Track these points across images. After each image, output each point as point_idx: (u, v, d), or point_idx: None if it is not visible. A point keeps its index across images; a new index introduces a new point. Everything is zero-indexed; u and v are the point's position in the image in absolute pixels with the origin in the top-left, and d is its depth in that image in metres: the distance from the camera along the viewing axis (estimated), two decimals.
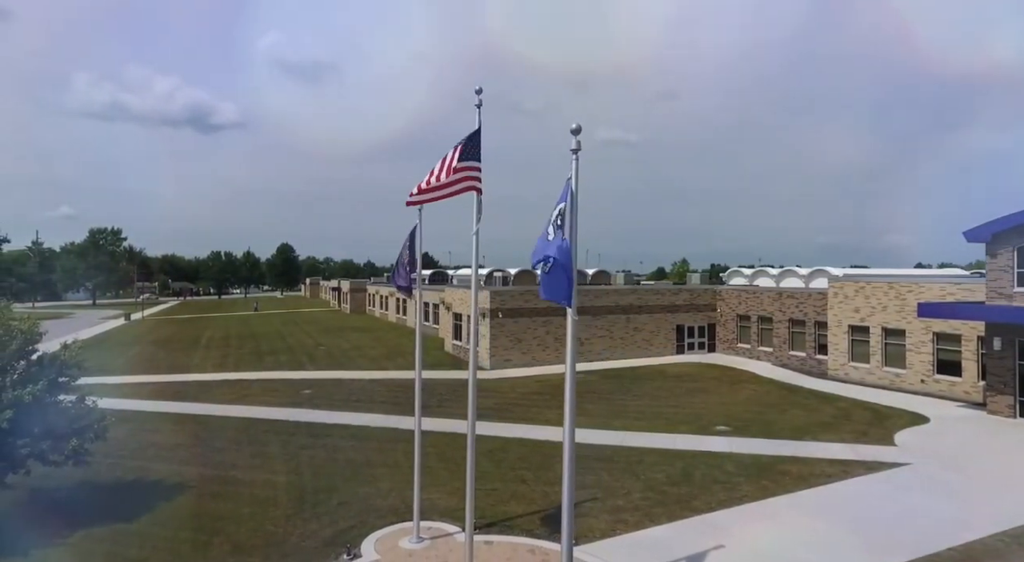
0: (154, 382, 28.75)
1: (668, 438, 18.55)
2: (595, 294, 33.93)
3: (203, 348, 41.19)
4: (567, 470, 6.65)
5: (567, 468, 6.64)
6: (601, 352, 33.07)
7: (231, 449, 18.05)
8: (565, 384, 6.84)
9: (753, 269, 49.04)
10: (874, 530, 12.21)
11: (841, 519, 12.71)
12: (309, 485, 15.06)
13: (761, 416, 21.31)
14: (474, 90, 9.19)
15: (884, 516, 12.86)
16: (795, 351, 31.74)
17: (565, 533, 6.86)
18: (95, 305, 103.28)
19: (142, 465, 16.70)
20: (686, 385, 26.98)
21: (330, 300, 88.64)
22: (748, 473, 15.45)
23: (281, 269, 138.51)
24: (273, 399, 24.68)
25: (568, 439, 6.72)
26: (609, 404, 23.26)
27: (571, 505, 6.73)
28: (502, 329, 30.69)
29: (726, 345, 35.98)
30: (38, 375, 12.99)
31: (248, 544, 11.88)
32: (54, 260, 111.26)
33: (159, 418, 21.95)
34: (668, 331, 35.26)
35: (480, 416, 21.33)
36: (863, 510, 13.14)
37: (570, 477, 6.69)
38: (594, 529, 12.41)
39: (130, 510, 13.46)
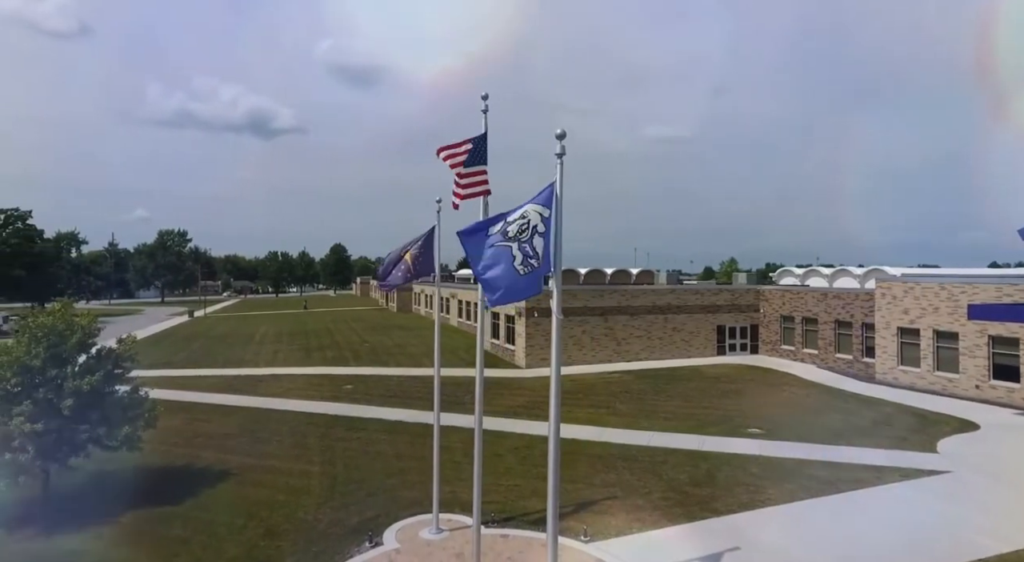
0: (209, 375, 30.42)
1: (696, 439, 18.41)
2: (632, 294, 33.74)
3: (256, 344, 43.18)
4: (552, 464, 6.91)
5: (552, 462, 6.90)
6: (639, 352, 32.86)
7: (273, 440, 19.04)
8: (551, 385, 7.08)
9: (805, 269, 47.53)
10: (899, 537, 11.88)
11: (865, 525, 12.42)
12: (341, 476, 15.78)
13: (796, 419, 20.82)
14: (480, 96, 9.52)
15: (912, 524, 12.48)
16: (841, 354, 30.67)
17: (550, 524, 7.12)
18: (163, 302, 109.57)
19: (191, 453, 17.84)
20: (722, 387, 26.54)
21: (379, 299, 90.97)
22: (774, 476, 15.22)
23: (334, 268, 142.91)
24: (316, 393, 25.75)
25: (553, 434, 6.98)
26: (640, 404, 23.20)
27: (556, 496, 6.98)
28: (537, 328, 30.93)
29: (769, 347, 35.08)
30: (96, 367, 14.15)
31: (280, 529, 12.62)
32: (128, 260, 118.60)
33: (211, 409, 23.29)
34: (708, 332, 34.68)
35: (510, 414, 21.85)
36: (890, 517, 12.79)
37: (555, 471, 6.95)
38: (610, 527, 12.56)
39: (177, 494, 14.49)
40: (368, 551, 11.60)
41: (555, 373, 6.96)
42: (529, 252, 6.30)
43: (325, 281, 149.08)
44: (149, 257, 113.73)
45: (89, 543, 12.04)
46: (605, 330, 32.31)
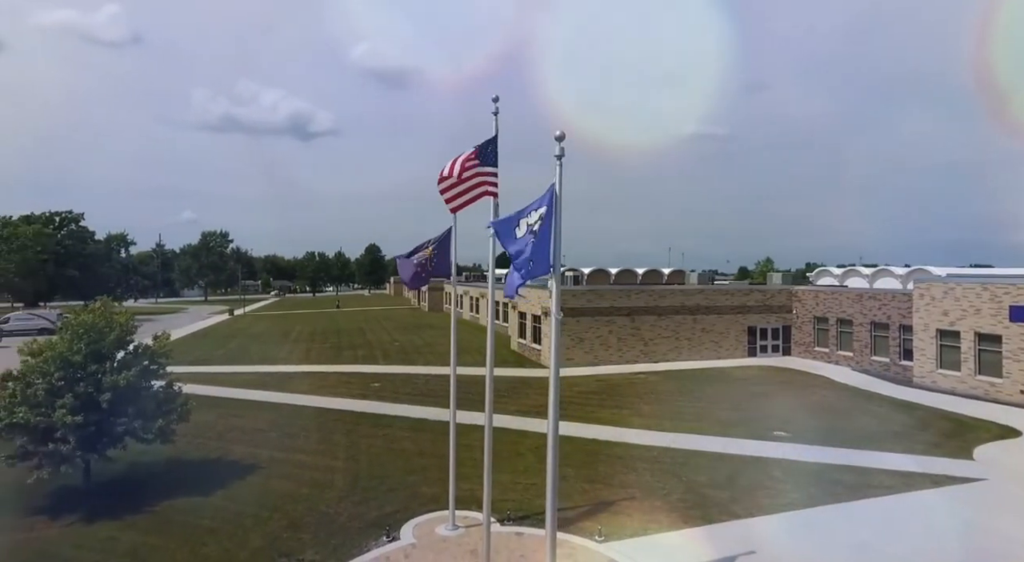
0: (244, 372, 31.39)
1: (719, 441, 18.19)
2: (660, 294, 33.44)
3: (291, 342, 44.32)
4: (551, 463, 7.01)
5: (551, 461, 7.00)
6: (666, 353, 32.55)
7: (301, 435, 19.59)
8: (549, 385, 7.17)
9: (844, 269, 46.24)
10: (923, 545, 11.56)
11: (888, 532, 12.12)
12: (364, 471, 16.15)
13: (825, 423, 20.35)
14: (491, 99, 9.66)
15: (939, 532, 12.13)
16: (877, 356, 29.78)
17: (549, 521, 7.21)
18: (206, 301, 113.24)
19: (224, 446, 18.48)
20: (751, 388, 26.10)
21: (411, 298, 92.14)
22: (797, 480, 14.95)
23: (369, 268, 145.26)
24: (345, 391, 26.33)
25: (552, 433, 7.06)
26: (665, 405, 23.01)
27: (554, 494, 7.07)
28: (564, 328, 30.90)
29: (802, 348, 34.28)
30: (132, 363, 14.84)
31: (302, 521, 13.02)
32: (174, 260, 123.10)
33: (244, 405, 24.05)
34: (739, 333, 34.10)
35: (532, 413, 21.95)
36: (916, 525, 12.45)
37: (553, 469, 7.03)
38: (626, 527, 12.56)
39: (208, 485, 15.06)
40: (385, 545, 11.87)
41: (554, 373, 7.06)
42: (524, 251, 6.41)
43: (360, 281, 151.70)
44: (193, 257, 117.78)
45: (124, 531, 12.65)
46: (632, 330, 32.12)
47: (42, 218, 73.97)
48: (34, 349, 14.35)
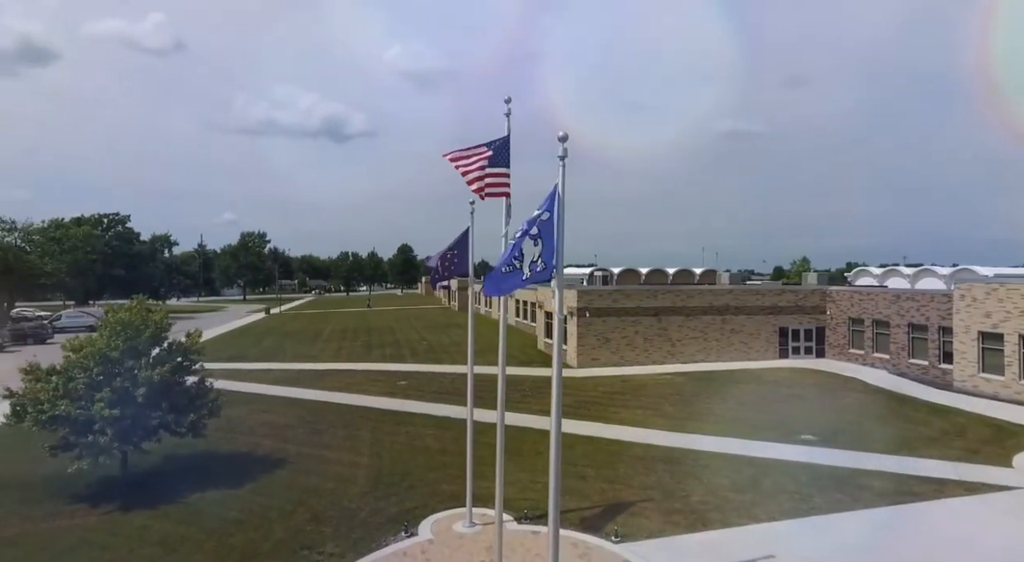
0: (277, 369, 32.24)
1: (744, 444, 17.91)
2: (688, 294, 33.01)
3: (323, 341, 45.27)
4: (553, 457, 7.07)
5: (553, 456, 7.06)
6: (694, 354, 32.12)
7: (328, 431, 20.04)
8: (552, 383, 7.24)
9: (884, 269, 44.86)
10: (950, 554, 11.19)
11: (914, 540, 11.78)
12: (386, 467, 16.45)
13: (857, 427, 19.83)
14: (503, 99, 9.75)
15: (967, 540, 11.73)
16: (916, 359, 28.80)
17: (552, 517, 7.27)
18: (245, 300, 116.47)
19: (254, 441, 19.04)
20: (780, 391, 25.58)
21: (441, 298, 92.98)
22: (822, 485, 14.63)
23: (401, 268, 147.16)
24: (373, 388, 26.80)
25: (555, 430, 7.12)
26: (690, 407, 22.75)
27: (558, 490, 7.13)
28: (589, 328, 30.86)
29: (837, 350, 33.39)
30: (166, 359, 15.44)
31: (325, 515, 13.35)
32: (215, 260, 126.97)
33: (275, 401, 24.70)
34: (770, 334, 33.42)
35: None
36: (944, 532, 12.07)
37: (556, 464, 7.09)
38: (643, 529, 12.52)
39: (238, 478, 15.56)
40: (403, 540, 12.10)
41: (556, 372, 7.12)
42: (515, 254, 6.47)
43: (392, 280, 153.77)
44: (232, 257, 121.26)
45: (157, 520, 13.19)
46: (659, 331, 31.80)
47: (91, 220, 77.29)
48: (75, 345, 15.06)
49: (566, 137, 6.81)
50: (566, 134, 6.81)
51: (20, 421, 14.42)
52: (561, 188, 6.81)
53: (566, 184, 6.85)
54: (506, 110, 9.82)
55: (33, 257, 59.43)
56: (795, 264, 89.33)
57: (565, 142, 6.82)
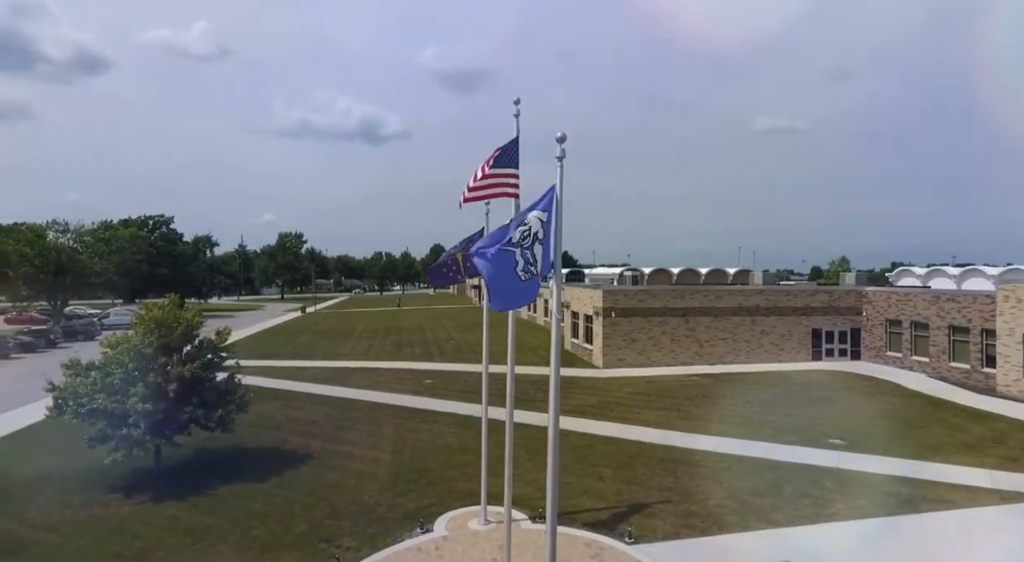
0: (309, 367, 32.99)
1: (768, 447, 17.56)
2: (716, 294, 32.46)
3: (354, 339, 46.10)
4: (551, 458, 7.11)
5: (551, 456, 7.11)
6: (723, 355, 31.57)
7: (352, 428, 20.45)
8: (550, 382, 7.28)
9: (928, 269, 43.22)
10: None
11: (937, 549, 11.39)
12: (406, 464, 16.72)
13: (888, 432, 19.22)
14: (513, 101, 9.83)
15: (995, 552, 11.27)
16: (956, 362, 27.71)
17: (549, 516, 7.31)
18: (283, 299, 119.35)
19: (282, 437, 19.57)
20: (811, 394, 24.95)
21: (472, 297, 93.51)
22: (847, 491, 14.26)
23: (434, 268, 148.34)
24: (399, 387, 27.20)
25: (552, 427, 7.17)
26: (715, 409, 22.40)
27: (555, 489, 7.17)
28: (615, 328, 30.64)
29: (873, 353, 32.35)
30: (196, 356, 16.01)
31: (344, 510, 13.66)
32: (254, 260, 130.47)
33: (304, 398, 25.31)
34: (802, 335, 32.60)
35: (576, 413, 21.93)
36: (972, 543, 11.63)
37: (554, 463, 7.14)
38: (657, 530, 12.44)
39: (264, 473, 16.04)
40: (418, 536, 12.30)
41: (554, 371, 7.16)
42: (530, 258, 6.50)
43: (425, 280, 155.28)
44: (270, 257, 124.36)
45: (186, 511, 13.70)
46: (686, 331, 31.37)
47: (137, 221, 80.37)
48: (112, 341, 15.74)
49: (564, 138, 6.85)
50: (564, 135, 6.84)
51: (61, 414, 15.15)
52: (559, 189, 6.84)
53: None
54: (515, 111, 9.89)
55: (84, 257, 62.08)
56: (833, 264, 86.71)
57: (563, 143, 6.85)
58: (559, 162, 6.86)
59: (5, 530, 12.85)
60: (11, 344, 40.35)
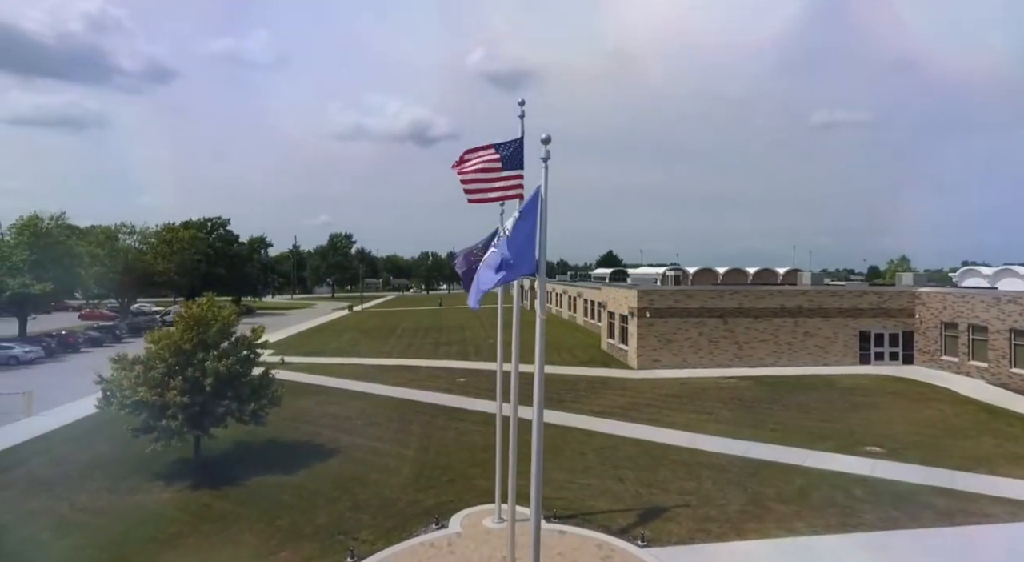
0: (350, 364, 33.91)
1: (800, 453, 16.99)
2: (756, 295, 31.49)
3: (396, 337, 47.06)
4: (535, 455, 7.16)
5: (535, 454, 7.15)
6: (763, 358, 30.62)
7: (383, 424, 20.95)
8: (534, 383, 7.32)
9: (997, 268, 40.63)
10: None
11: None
12: (430, 461, 17.02)
13: (933, 440, 18.27)
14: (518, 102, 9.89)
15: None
16: (1018, 368, 26.00)
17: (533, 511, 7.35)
18: (333, 297, 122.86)
19: (315, 431, 20.24)
20: (853, 399, 23.93)
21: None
22: (878, 501, 13.66)
23: None
24: (432, 385, 27.65)
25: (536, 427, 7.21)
26: (748, 413, 21.81)
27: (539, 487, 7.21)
28: (650, 329, 30.16)
29: (927, 357, 30.70)
30: (231, 352, 16.75)
31: (365, 504, 14.05)
32: (307, 260, 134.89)
33: (341, 394, 26.06)
34: (848, 338, 31.26)
35: (604, 414, 21.78)
36: (1007, 560, 10.93)
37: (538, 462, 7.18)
38: (672, 534, 12.28)
39: (294, 466, 16.66)
40: (433, 532, 12.54)
41: (539, 372, 7.20)
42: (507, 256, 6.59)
43: None
44: (322, 257, 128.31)
45: (218, 499, 14.40)
46: (724, 332, 30.59)
47: (197, 224, 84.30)
48: (154, 337, 16.67)
49: (549, 139, 6.89)
50: (548, 136, 6.88)
51: (109, 405, 16.15)
52: (544, 190, 6.89)
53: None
54: (520, 112, 9.94)
55: (148, 258, 65.69)
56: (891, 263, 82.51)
57: (548, 144, 6.89)
58: (544, 163, 6.90)
59: (58, 513, 13.83)
60: (81, 339, 43.10)
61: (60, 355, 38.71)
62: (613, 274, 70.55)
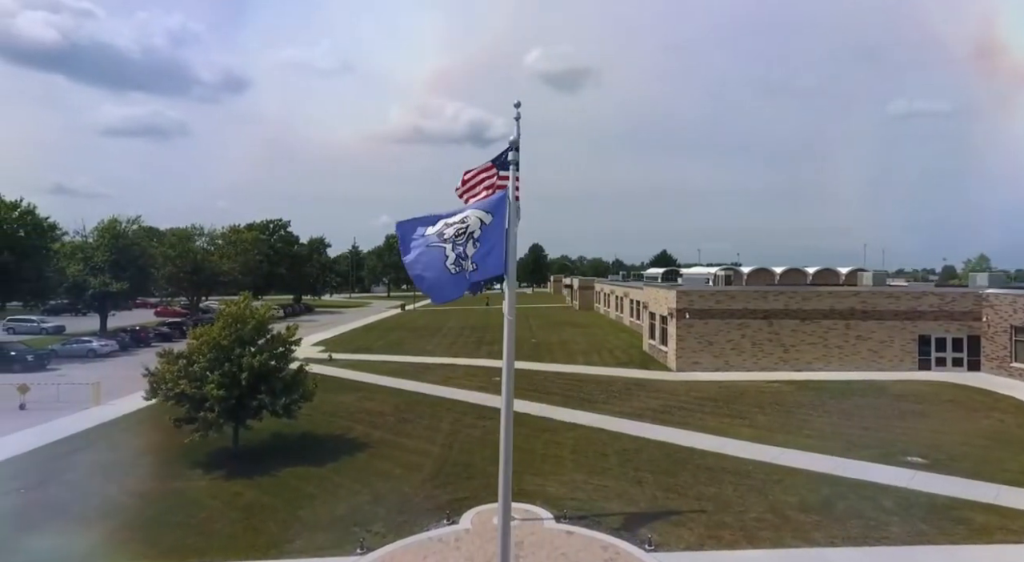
0: (393, 361, 34.79)
1: (833, 461, 16.25)
2: (804, 296, 30.15)
3: (440, 335, 47.86)
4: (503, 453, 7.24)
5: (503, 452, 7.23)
6: (811, 362, 29.30)
7: (414, 420, 21.43)
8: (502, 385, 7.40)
9: None
10: None
11: None
12: (453, 458, 17.31)
13: (984, 452, 17.05)
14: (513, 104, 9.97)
15: None
16: None
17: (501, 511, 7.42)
18: (388, 296, 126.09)
19: (349, 426, 20.94)
20: (903, 406, 22.59)
21: (566, 296, 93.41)
22: (909, 514, 12.92)
23: (532, 267, 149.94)
24: (467, 383, 28.01)
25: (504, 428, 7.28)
26: (787, 417, 20.98)
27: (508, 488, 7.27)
28: (690, 330, 29.42)
29: (995, 363, 28.57)
30: (266, 348, 17.58)
31: (384, 497, 14.47)
32: (365, 260, 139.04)
33: (380, 390, 26.80)
34: (906, 342, 29.46)
35: (634, 416, 21.49)
36: None
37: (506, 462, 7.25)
38: (681, 539, 12.05)
39: (323, 458, 17.32)
40: (443, 527, 12.79)
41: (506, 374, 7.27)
42: (462, 254, 6.68)
43: (524, 279, 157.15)
44: (378, 257, 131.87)
45: (249, 488, 15.16)
46: (769, 335, 29.48)
47: (260, 225, 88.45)
48: (197, 333, 17.70)
49: (516, 142, 6.95)
50: (516, 139, 6.94)
51: (155, 396, 17.29)
52: (511, 193, 6.96)
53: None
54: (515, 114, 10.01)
55: (215, 258, 69.47)
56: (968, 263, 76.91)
57: (516, 149, 6.96)
58: (514, 166, 6.96)
59: (108, 495, 14.95)
60: (151, 334, 46.08)
61: (132, 349, 41.46)
62: (665, 274, 69.08)
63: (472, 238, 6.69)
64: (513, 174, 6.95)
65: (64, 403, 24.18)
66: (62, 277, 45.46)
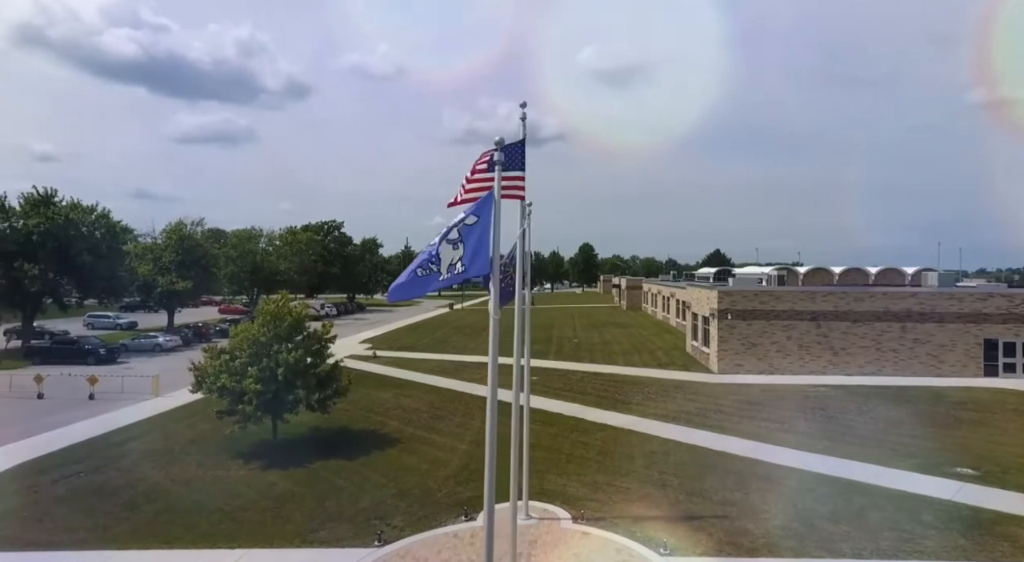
0: (434, 359, 35.39)
1: (874, 470, 15.49)
2: (855, 297, 28.72)
3: (484, 334, 48.20)
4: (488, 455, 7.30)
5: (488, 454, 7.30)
6: (863, 366, 27.91)
7: (446, 418, 21.76)
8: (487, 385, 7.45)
9: None
10: None
11: None
12: (479, 455, 17.44)
13: None
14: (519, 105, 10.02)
15: None
16: None
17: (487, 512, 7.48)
18: (439, 295, 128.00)
19: (383, 421, 21.48)
20: (959, 414, 21.23)
21: (615, 296, 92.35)
22: (949, 527, 12.18)
23: (582, 266, 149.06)
24: (503, 381, 27.76)
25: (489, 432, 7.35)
26: (830, 424, 20.10)
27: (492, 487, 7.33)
28: (732, 332, 28.57)
29: None
30: (302, 345, 18.27)
31: (408, 492, 14.79)
32: None
33: (418, 387, 27.34)
34: (970, 346, 27.63)
35: (668, 418, 21.14)
36: None
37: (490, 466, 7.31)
38: (698, 545, 11.80)
39: (355, 452, 17.84)
40: (460, 523, 12.97)
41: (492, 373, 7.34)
42: (432, 256, 6.77)
43: (575, 278, 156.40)
44: None
45: (283, 479, 15.80)
46: (817, 337, 28.27)
47: (315, 227, 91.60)
48: (237, 331, 18.58)
49: (502, 142, 7.01)
50: (502, 139, 7.01)
51: (199, 390, 18.25)
52: (497, 193, 7.02)
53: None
54: (521, 114, 10.07)
55: (272, 258, 72.49)
56: None
57: (500, 148, 7.02)
58: (499, 166, 7.03)
59: (154, 480, 15.90)
60: (212, 330, 48.55)
61: (195, 344, 43.79)
62: (717, 274, 67.30)
63: (446, 239, 6.74)
64: (499, 174, 7.00)
65: (128, 394, 25.82)
66: (133, 276, 48.55)
